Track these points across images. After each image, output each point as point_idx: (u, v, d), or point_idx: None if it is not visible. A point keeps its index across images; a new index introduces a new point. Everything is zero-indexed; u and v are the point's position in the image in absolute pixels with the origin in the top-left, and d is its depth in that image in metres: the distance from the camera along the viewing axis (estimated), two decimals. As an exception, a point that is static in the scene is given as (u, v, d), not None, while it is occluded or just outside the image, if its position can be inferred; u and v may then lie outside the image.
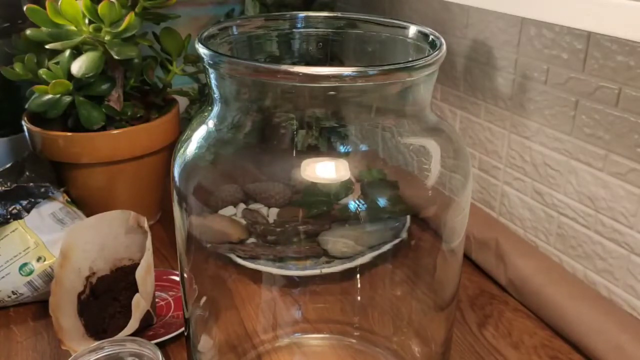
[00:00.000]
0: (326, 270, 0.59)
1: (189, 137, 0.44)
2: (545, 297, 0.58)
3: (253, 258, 0.58)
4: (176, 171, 0.44)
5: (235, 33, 0.47)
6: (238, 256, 0.58)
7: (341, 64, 0.50)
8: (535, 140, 0.63)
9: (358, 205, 0.42)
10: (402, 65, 0.37)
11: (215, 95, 0.43)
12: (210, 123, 0.43)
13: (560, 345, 0.56)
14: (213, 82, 0.42)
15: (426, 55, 0.39)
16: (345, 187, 0.41)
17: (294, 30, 0.50)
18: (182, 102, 0.79)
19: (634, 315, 0.56)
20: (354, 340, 0.57)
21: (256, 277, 0.58)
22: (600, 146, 0.56)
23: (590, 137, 0.57)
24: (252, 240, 0.57)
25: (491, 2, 0.46)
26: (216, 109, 0.43)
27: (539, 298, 0.59)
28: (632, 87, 0.53)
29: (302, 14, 0.49)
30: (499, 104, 0.67)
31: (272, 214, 0.53)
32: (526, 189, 0.66)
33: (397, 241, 0.57)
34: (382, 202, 0.43)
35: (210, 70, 0.41)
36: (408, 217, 0.52)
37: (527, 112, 0.64)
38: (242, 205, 0.52)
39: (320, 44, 0.50)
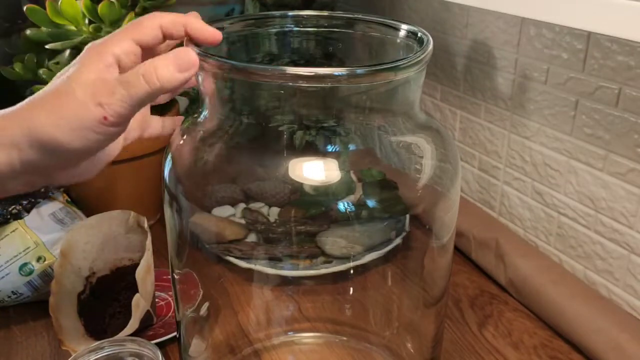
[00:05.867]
0: (325, 270, 0.59)
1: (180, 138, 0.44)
2: (545, 297, 0.58)
3: (251, 258, 0.58)
4: (166, 172, 0.44)
5: (232, 32, 0.47)
6: (235, 256, 0.58)
7: (341, 62, 0.50)
8: (535, 140, 0.63)
9: (355, 206, 0.42)
10: (388, 65, 0.37)
11: (206, 96, 0.42)
12: (202, 123, 0.43)
13: (560, 345, 0.56)
14: (203, 83, 0.41)
15: (413, 53, 0.39)
16: (342, 187, 0.41)
17: (291, 29, 0.50)
18: (182, 102, 0.79)
19: (634, 315, 0.56)
20: (352, 340, 0.57)
21: (254, 276, 0.58)
22: (600, 146, 0.56)
23: (590, 137, 0.57)
24: (250, 239, 0.57)
25: (491, 2, 0.46)
26: (207, 109, 0.43)
27: (539, 298, 0.59)
28: (632, 87, 0.53)
29: (299, 12, 0.49)
30: (499, 104, 0.67)
31: (272, 213, 0.53)
32: (526, 189, 0.66)
33: (396, 241, 0.57)
34: (381, 201, 0.43)
35: (201, 71, 0.40)
36: (407, 216, 0.52)
37: (527, 112, 0.64)
38: (241, 205, 0.52)
39: (317, 43, 0.50)
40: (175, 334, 0.55)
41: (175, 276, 0.48)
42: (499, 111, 0.67)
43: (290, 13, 0.49)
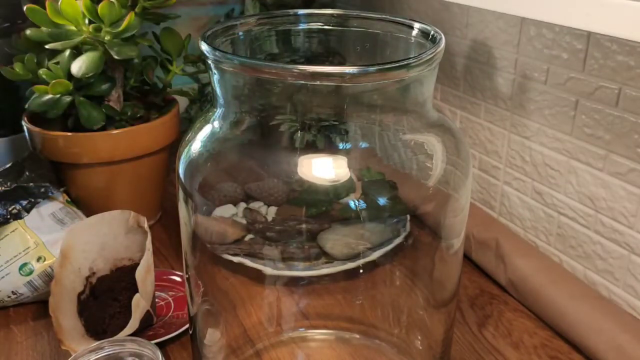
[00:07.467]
0: (326, 269, 0.59)
1: (194, 136, 0.44)
2: (545, 297, 0.58)
3: (252, 256, 0.58)
4: (181, 169, 0.44)
5: (238, 32, 0.47)
6: (237, 254, 0.58)
7: (343, 60, 0.50)
8: (535, 140, 0.63)
9: (358, 204, 0.42)
10: (399, 63, 0.37)
11: (218, 94, 0.43)
12: (214, 122, 0.44)
13: (560, 345, 0.56)
14: (216, 82, 0.42)
15: (424, 52, 0.39)
16: (346, 186, 0.41)
17: (295, 28, 0.50)
18: (182, 102, 0.80)
19: (634, 315, 0.56)
20: (355, 336, 0.57)
21: (256, 276, 0.58)
22: (600, 146, 0.56)
23: (590, 137, 0.57)
24: (250, 236, 0.57)
25: (491, 2, 0.46)
26: (219, 107, 0.43)
27: (539, 298, 0.59)
28: (632, 87, 0.53)
29: (304, 11, 0.49)
30: (499, 104, 0.67)
31: (272, 212, 0.53)
32: (526, 189, 0.66)
33: (398, 240, 0.57)
34: (382, 201, 0.43)
35: (214, 70, 0.41)
36: (408, 216, 0.52)
37: (527, 112, 0.64)
38: (242, 205, 0.52)
39: (321, 41, 0.50)
40: (175, 333, 0.55)
41: (189, 272, 0.48)
42: (499, 111, 0.67)
43: (300, 12, 0.49)
